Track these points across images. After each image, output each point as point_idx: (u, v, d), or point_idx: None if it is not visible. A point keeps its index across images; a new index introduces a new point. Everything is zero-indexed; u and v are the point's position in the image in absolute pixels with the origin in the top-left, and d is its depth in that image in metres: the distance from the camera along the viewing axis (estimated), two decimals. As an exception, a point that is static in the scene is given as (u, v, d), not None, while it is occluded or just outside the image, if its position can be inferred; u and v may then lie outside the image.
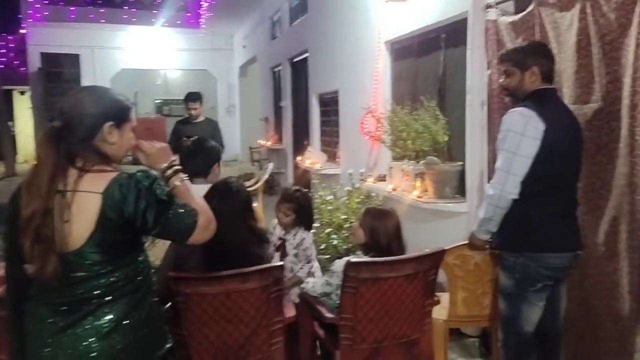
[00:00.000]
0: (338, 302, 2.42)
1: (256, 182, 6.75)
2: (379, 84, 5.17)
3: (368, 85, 5.33)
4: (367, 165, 5.46)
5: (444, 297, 2.79)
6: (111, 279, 1.53)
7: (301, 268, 3.02)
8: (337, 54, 6.48)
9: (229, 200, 2.33)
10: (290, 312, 2.55)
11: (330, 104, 7.25)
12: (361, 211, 2.82)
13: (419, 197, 3.94)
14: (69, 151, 1.52)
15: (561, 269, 2.40)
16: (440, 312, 2.78)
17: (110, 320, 1.52)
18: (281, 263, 2.40)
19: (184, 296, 2.14)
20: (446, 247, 2.56)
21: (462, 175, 3.78)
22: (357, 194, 4.88)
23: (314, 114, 7.93)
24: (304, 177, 7.96)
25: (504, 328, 2.53)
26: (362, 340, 2.41)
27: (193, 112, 5.60)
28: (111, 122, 1.59)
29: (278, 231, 3.15)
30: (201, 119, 5.71)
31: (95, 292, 1.51)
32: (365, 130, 5.18)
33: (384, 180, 4.75)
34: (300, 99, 8.96)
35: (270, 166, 7.48)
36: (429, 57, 4.44)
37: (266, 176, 7.08)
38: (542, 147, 2.25)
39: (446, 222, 3.81)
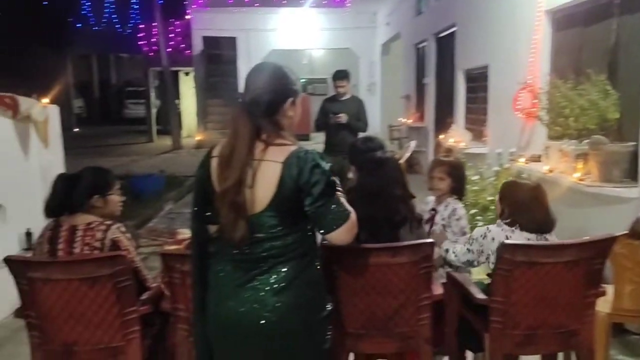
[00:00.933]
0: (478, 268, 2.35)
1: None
2: (536, 56, 4.81)
3: (523, 58, 4.98)
4: (518, 144, 5.15)
5: (608, 289, 2.56)
6: (286, 241, 1.68)
7: (455, 241, 2.91)
8: (488, 26, 6.14)
9: (378, 171, 2.39)
10: (438, 289, 2.53)
11: (478, 80, 6.92)
12: (504, 184, 2.74)
13: (581, 179, 3.63)
14: (256, 125, 1.66)
15: None
16: (603, 305, 2.56)
17: (283, 278, 1.68)
18: (431, 240, 2.38)
19: (339, 265, 2.23)
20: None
21: (634, 157, 3.40)
22: (505, 175, 4.64)
23: (459, 90, 7.64)
24: (448, 157, 7.74)
25: None
26: (515, 326, 2.32)
27: (341, 89, 5.71)
28: (291, 99, 1.74)
29: (431, 205, 3.10)
30: (347, 96, 5.81)
31: (272, 252, 1.67)
32: (518, 106, 4.87)
33: (538, 161, 4.45)
34: (445, 76, 8.68)
35: (413, 144, 7.40)
36: (598, 26, 4.02)
37: (408, 154, 7.02)
38: None
39: (611, 208, 3.46)
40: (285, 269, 1.69)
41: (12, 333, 3.34)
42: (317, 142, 11.65)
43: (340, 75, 5.75)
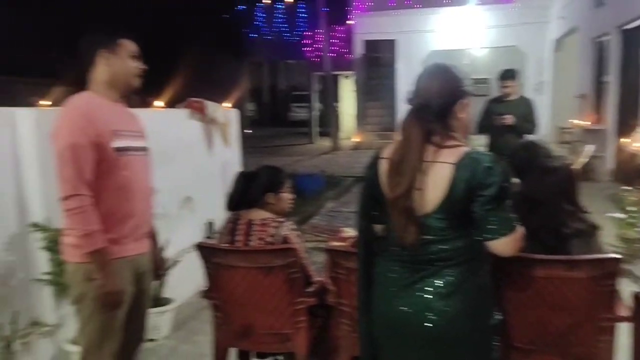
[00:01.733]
0: None
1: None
2: None
3: None
4: None
5: None
6: (455, 245, 1.66)
7: None
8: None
9: (545, 180, 2.22)
10: (623, 310, 2.27)
11: (674, 77, 6.03)
12: None
13: None
14: (428, 128, 1.67)
15: None
16: None
17: (451, 282, 1.66)
18: (618, 256, 2.15)
19: (507, 274, 2.13)
20: None
21: None
22: None
23: (649, 88, 6.74)
24: (631, 162, 6.89)
25: None
26: None
27: (507, 89, 5.41)
28: (462, 100, 1.71)
29: None
30: (515, 97, 5.48)
31: (440, 255, 1.66)
32: None
33: None
34: (629, 73, 7.73)
35: (590, 148, 6.72)
36: None
37: (584, 160, 6.39)
38: None
39: None
40: (453, 274, 1.67)
41: (196, 311, 3.79)
42: (476, 145, 11.21)
43: (508, 75, 5.45)
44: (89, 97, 2.11)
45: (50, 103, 4.11)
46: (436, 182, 1.62)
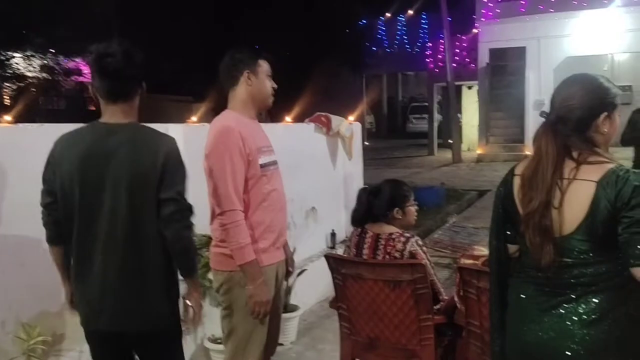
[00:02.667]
0: None
1: None
2: None
3: None
4: None
5: None
6: (599, 269, 1.52)
7: None
8: None
9: None
10: None
11: None
12: None
13: None
14: (565, 143, 1.56)
15: None
16: None
17: (594, 309, 1.51)
18: None
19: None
20: None
21: None
22: None
23: None
24: None
25: None
26: None
27: None
28: (605, 113, 1.57)
29: None
30: (668, 106, 4.92)
31: (581, 279, 1.53)
32: None
33: None
34: None
35: None
36: None
37: None
38: None
39: None
40: (597, 300, 1.52)
41: (319, 319, 3.89)
42: (619, 159, 10.17)
43: None
44: (235, 116, 2.26)
45: (195, 120, 4.50)
46: (577, 200, 1.50)
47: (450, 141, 14.85)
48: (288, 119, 4.68)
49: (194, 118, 4.53)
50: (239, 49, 2.34)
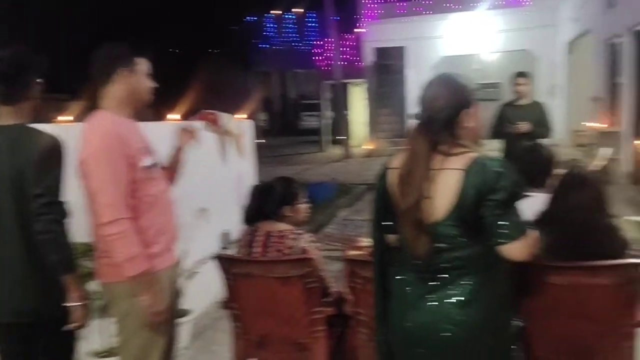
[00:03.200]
0: None
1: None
2: None
3: None
4: None
5: None
6: (469, 253, 1.64)
7: None
8: None
9: (576, 191, 2.18)
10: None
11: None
12: None
13: None
14: (435, 140, 1.67)
15: None
16: None
17: (468, 291, 1.64)
18: (638, 260, 2.12)
19: (528, 282, 2.11)
20: None
21: None
22: None
23: (665, 90, 6.66)
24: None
25: None
26: None
27: (521, 87, 5.33)
28: (466, 109, 1.70)
29: None
30: (527, 101, 5.43)
31: (454, 263, 1.65)
32: None
33: None
34: (645, 74, 7.65)
35: (608, 152, 6.63)
36: None
37: (602, 163, 6.32)
38: None
39: None
40: (470, 282, 1.65)
41: (213, 321, 3.80)
42: (489, 150, 11.13)
43: (521, 73, 5.42)
44: (112, 117, 2.11)
45: (71, 119, 4.16)
46: (446, 189, 1.62)
47: (339, 137, 15.28)
48: (172, 116, 4.51)
49: (67, 117, 4.19)
50: (115, 43, 2.19)
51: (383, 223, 1.81)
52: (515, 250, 1.63)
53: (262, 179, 4.61)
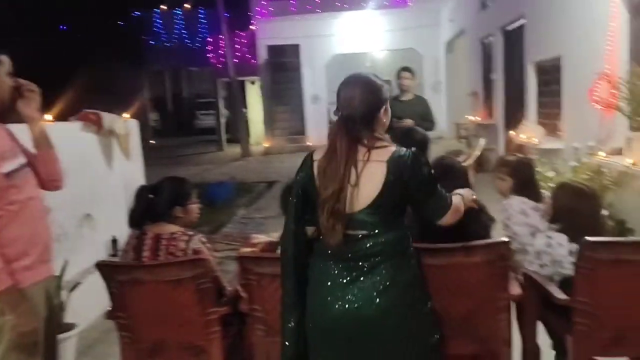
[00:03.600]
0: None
1: (466, 159, 6.56)
2: (613, 45, 4.56)
3: (600, 47, 4.74)
4: (596, 137, 4.88)
5: None
6: (386, 238, 1.77)
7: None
8: (560, 16, 5.88)
9: (445, 178, 2.34)
10: (516, 289, 2.46)
11: (550, 72, 6.65)
12: (556, 184, 2.59)
13: (669, 172, 3.40)
14: (355, 135, 1.76)
15: None
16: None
17: (386, 276, 1.75)
18: (507, 239, 2.32)
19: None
20: None
21: None
22: (583, 170, 4.42)
23: (530, 84, 7.36)
24: (519, 154, 7.47)
25: None
26: (600, 327, 2.21)
27: (406, 81, 5.60)
28: (383, 107, 1.82)
29: None
30: (411, 96, 5.72)
31: (373, 250, 1.75)
32: (595, 98, 4.63)
33: (620, 154, 4.20)
34: (514, 70, 8.39)
35: (482, 142, 7.19)
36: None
37: (478, 153, 6.82)
38: None
39: None
40: (387, 267, 1.76)
41: (103, 334, 3.58)
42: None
43: (405, 68, 5.69)
44: None
45: None
46: (371, 179, 1.73)
47: (238, 136, 15.10)
48: (47, 117, 4.16)
49: None
50: None
51: (303, 215, 1.85)
52: (449, 219, 1.86)
53: (153, 182, 4.39)
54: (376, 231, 1.75)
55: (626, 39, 4.50)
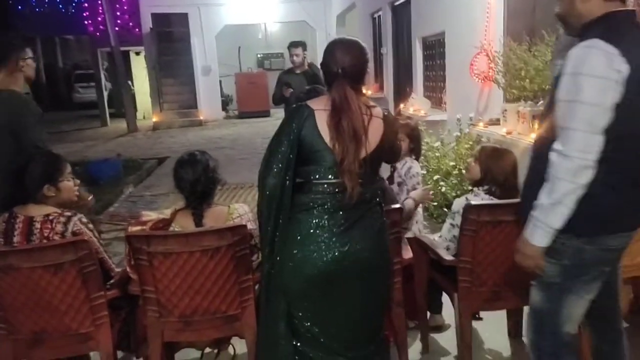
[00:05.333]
0: None
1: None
2: (490, 21, 4.86)
3: (479, 23, 5.03)
4: (476, 109, 5.23)
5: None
6: (376, 187, 1.97)
7: (406, 199, 2.93)
8: (443, -8, 6.15)
9: None
10: (408, 254, 2.57)
11: (434, 47, 6.97)
12: (477, 148, 2.78)
13: (538, 140, 3.72)
14: (354, 90, 1.88)
15: (620, 249, 1.83)
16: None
17: (378, 219, 1.95)
18: (399, 206, 2.40)
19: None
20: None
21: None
22: (466, 140, 4.73)
23: (417, 58, 7.67)
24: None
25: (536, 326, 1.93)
26: (482, 284, 2.39)
27: (296, 58, 5.61)
28: (367, 66, 1.95)
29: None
30: (304, 68, 5.74)
31: (368, 196, 1.91)
32: (475, 72, 4.94)
33: (497, 124, 4.54)
34: (402, 45, 8.70)
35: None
36: (549, -12, 4.07)
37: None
38: (622, 97, 1.61)
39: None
40: (377, 214, 1.95)
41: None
42: (277, 118, 11.55)
43: (295, 44, 5.68)
44: None
45: None
46: (373, 133, 1.88)
47: (123, 110, 14.17)
48: None
49: None
50: None
51: (291, 168, 1.85)
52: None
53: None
54: (372, 180, 1.94)
55: (502, 15, 4.82)
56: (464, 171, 3.71)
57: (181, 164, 2.34)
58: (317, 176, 1.87)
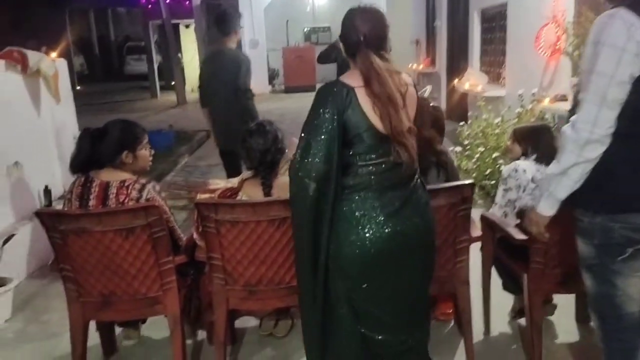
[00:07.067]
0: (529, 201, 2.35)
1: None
2: (560, -10, 4.59)
3: (547, -7, 4.76)
4: (540, 84, 4.99)
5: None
6: (418, 160, 1.85)
7: None
8: (507, -39, 5.85)
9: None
10: (476, 232, 2.49)
11: (495, 19, 6.69)
12: (510, 132, 2.81)
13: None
14: (387, 60, 1.78)
15: None
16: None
17: (424, 194, 1.88)
18: (471, 181, 2.31)
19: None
20: None
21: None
22: (528, 116, 4.52)
23: (475, 31, 7.39)
24: (461, 102, 7.58)
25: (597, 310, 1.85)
26: (555, 265, 2.28)
27: None
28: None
29: None
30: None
31: (414, 169, 1.83)
32: (541, 44, 4.69)
33: (565, 100, 4.31)
34: (457, 17, 8.40)
35: (428, 89, 7.22)
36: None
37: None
38: None
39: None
40: (421, 188, 1.88)
41: (41, 287, 3.36)
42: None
43: None
44: None
45: None
46: (411, 103, 1.80)
47: (173, 83, 14.35)
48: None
49: None
50: None
51: (336, 151, 1.70)
52: None
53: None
54: (415, 153, 1.82)
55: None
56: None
57: (251, 133, 2.32)
58: (364, 157, 1.75)
